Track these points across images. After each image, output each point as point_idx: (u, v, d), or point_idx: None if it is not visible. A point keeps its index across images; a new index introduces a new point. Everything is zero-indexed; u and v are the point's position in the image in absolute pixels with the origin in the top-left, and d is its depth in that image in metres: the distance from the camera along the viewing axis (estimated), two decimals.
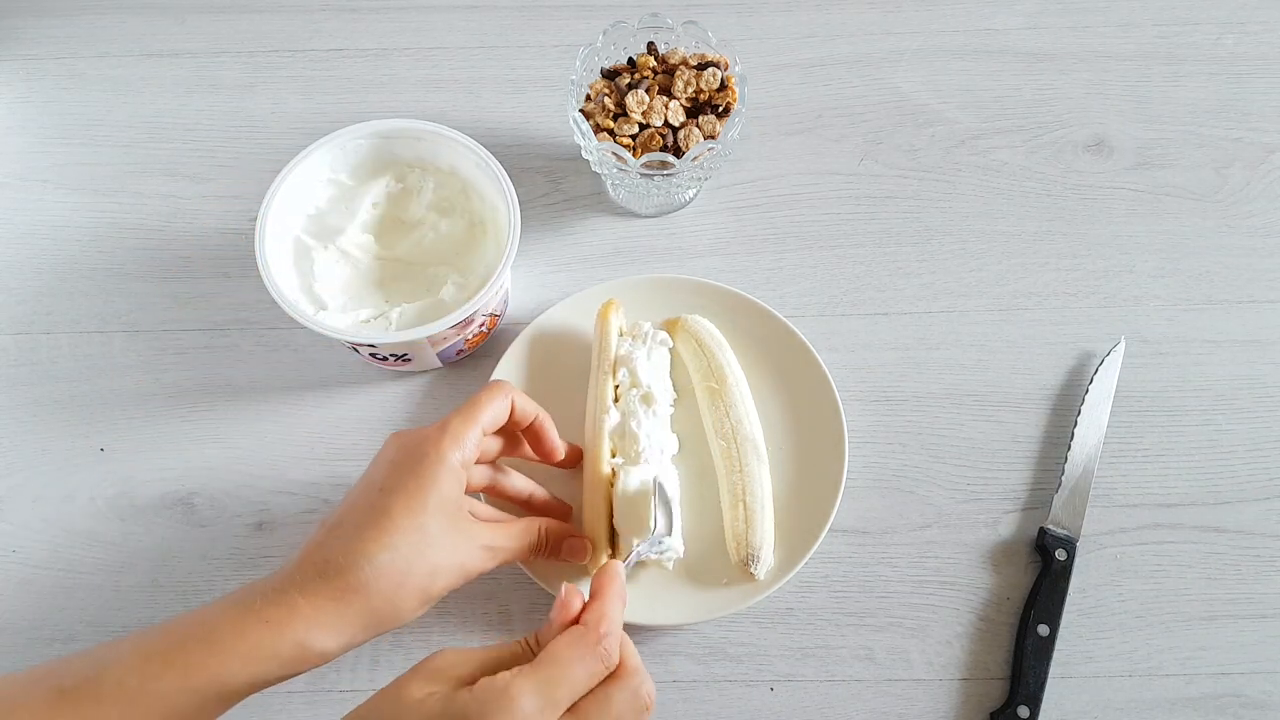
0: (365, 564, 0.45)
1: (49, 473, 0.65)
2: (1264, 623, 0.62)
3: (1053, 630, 0.60)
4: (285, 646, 0.44)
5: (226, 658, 0.43)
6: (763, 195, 0.74)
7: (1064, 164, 0.75)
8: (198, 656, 0.43)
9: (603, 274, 0.71)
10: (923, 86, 0.78)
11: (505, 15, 0.81)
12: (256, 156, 0.75)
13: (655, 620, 0.58)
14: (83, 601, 0.62)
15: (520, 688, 0.39)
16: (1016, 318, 0.70)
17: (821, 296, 0.71)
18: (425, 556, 0.47)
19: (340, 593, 0.45)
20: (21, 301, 0.70)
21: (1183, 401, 0.67)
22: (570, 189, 0.74)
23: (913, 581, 0.63)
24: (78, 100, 0.78)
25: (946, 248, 0.72)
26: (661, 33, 0.67)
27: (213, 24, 0.81)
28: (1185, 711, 0.60)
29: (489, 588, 0.62)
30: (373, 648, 0.60)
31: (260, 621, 0.44)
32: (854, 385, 0.67)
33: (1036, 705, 0.58)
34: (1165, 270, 0.72)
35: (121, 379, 0.68)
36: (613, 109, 0.65)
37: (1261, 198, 0.74)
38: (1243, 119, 0.77)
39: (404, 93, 0.78)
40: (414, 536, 0.47)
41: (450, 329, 0.59)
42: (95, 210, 0.73)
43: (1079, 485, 0.64)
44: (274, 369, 0.68)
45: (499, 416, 0.53)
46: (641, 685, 0.43)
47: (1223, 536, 0.64)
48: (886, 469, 0.65)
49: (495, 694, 0.39)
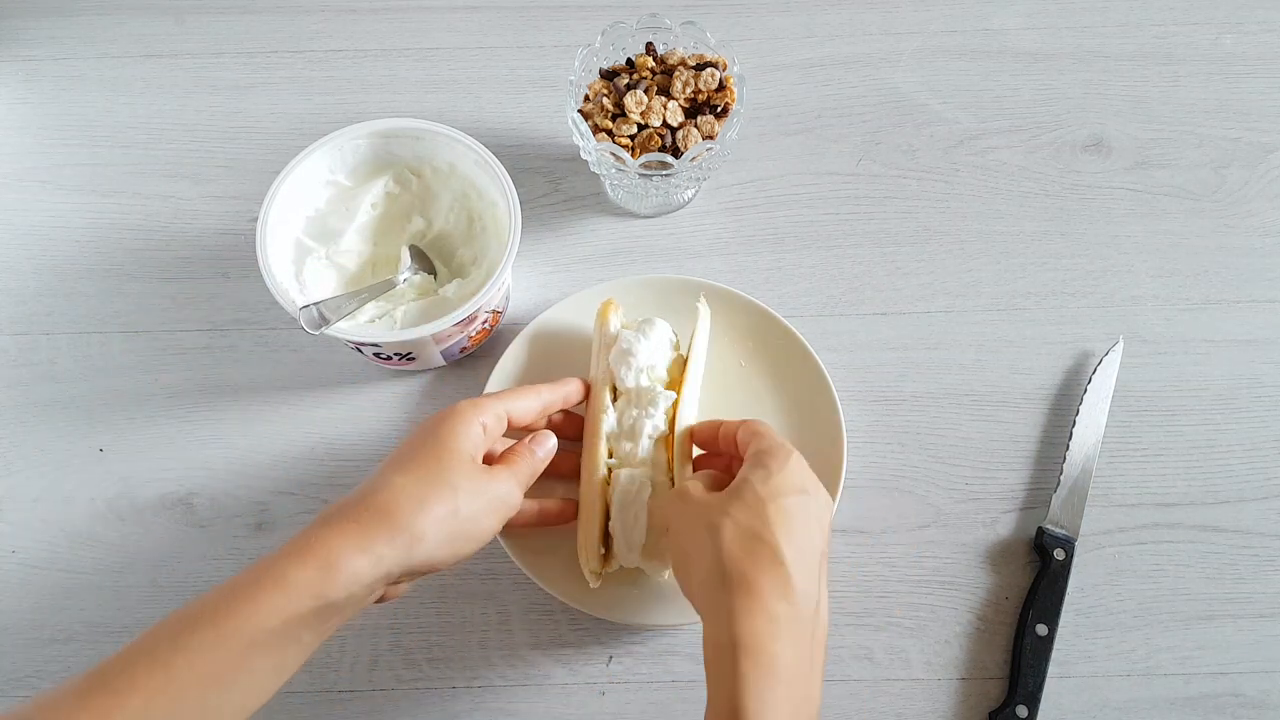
0: (384, 487, 0.47)
1: (49, 473, 0.65)
2: (1262, 622, 0.62)
3: (1051, 630, 0.60)
4: (312, 572, 0.43)
5: (256, 598, 0.42)
6: (761, 195, 0.74)
7: (1062, 164, 0.75)
8: (227, 605, 0.42)
9: (602, 274, 0.71)
10: (921, 86, 0.78)
11: (505, 16, 0.81)
12: (256, 157, 0.75)
13: (655, 620, 0.58)
14: (83, 601, 0.62)
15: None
16: (1015, 317, 0.70)
17: (820, 296, 0.71)
18: (448, 487, 0.48)
19: (363, 514, 0.46)
20: (21, 301, 0.70)
21: (1181, 401, 0.67)
22: (570, 189, 0.74)
23: (911, 581, 0.63)
24: (77, 100, 0.78)
25: (945, 248, 0.72)
26: (660, 33, 0.67)
27: (212, 24, 0.81)
28: (1183, 711, 0.60)
29: (489, 588, 0.62)
30: (372, 648, 0.61)
31: (284, 557, 0.44)
32: (852, 385, 0.67)
33: (1035, 705, 0.58)
34: (1164, 270, 0.72)
35: (121, 379, 0.68)
36: (611, 109, 0.65)
37: (1260, 198, 0.74)
38: (1241, 119, 0.77)
39: (404, 93, 0.78)
40: (434, 470, 0.48)
41: (454, 326, 0.59)
42: (95, 210, 0.73)
43: (1077, 485, 0.64)
44: (274, 369, 0.68)
45: (527, 411, 0.56)
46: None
47: (1221, 536, 0.64)
48: (885, 469, 0.65)
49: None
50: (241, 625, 0.42)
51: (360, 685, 0.60)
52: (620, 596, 0.59)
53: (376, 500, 0.46)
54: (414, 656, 0.61)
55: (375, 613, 0.62)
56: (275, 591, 0.42)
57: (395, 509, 0.46)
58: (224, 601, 0.42)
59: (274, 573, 0.43)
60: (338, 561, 0.44)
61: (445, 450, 0.49)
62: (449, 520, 0.47)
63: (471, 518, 0.49)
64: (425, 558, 0.47)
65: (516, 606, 0.62)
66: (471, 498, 0.49)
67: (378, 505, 0.46)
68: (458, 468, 0.49)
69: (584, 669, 0.61)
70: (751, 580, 0.45)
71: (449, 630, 0.61)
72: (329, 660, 0.60)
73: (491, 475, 0.51)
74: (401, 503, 0.46)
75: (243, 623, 0.42)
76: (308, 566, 0.43)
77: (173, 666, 0.40)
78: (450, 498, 0.48)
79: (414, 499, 0.47)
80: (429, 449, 0.50)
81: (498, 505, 0.50)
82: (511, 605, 0.62)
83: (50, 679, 0.60)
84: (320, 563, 0.43)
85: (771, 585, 0.45)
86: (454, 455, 0.49)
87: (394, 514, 0.46)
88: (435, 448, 0.50)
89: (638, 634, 0.61)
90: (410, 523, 0.46)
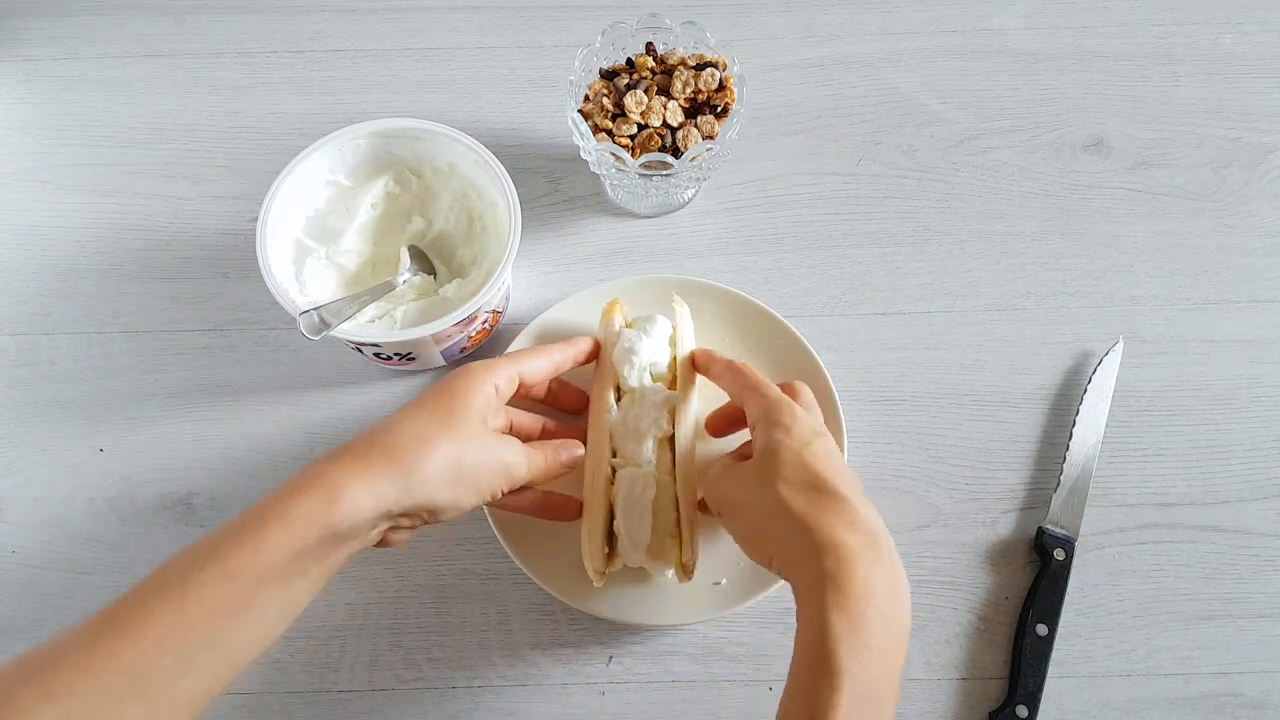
0: (392, 428, 0.48)
1: (49, 473, 0.65)
2: (1262, 622, 0.62)
3: (1051, 630, 0.60)
4: (316, 504, 0.44)
5: (263, 533, 0.43)
6: (761, 195, 0.74)
7: (1062, 164, 0.75)
8: (237, 540, 0.43)
9: (602, 274, 0.71)
10: (921, 86, 0.78)
11: (505, 16, 0.81)
12: (256, 157, 0.75)
13: (655, 620, 0.58)
14: (83, 601, 0.62)
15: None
16: (1015, 317, 0.70)
17: (820, 296, 0.71)
18: (454, 433, 0.49)
19: (368, 450, 0.46)
20: (21, 302, 0.70)
21: (1181, 401, 0.67)
22: (570, 189, 0.74)
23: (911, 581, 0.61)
24: (77, 100, 0.78)
25: (945, 248, 0.72)
26: (660, 33, 0.67)
27: (212, 25, 0.81)
28: (1183, 711, 0.60)
29: (489, 588, 0.62)
30: (372, 648, 0.61)
31: (288, 492, 0.44)
32: (852, 385, 0.67)
33: (1035, 705, 0.58)
34: (1163, 270, 0.72)
35: (121, 379, 0.68)
36: (611, 109, 0.65)
37: (1260, 198, 0.74)
38: (1241, 119, 0.77)
39: (403, 93, 0.78)
40: (443, 417, 0.49)
41: (454, 326, 0.59)
42: (95, 211, 0.73)
43: (1077, 485, 0.64)
44: (274, 369, 0.68)
45: (539, 371, 0.57)
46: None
47: (1221, 536, 0.64)
48: (885, 469, 0.65)
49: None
50: (248, 561, 0.42)
51: (360, 685, 0.60)
52: (621, 596, 0.59)
53: (382, 438, 0.47)
54: (414, 656, 0.61)
55: (375, 612, 0.62)
56: (279, 526, 0.43)
57: (400, 447, 0.47)
58: (233, 537, 0.43)
59: (277, 509, 0.43)
60: (341, 494, 0.44)
61: (457, 403, 0.51)
62: (453, 465, 0.48)
63: (474, 469, 0.49)
64: (427, 498, 0.47)
65: (516, 606, 0.62)
66: (477, 450, 0.50)
67: (383, 443, 0.47)
68: (466, 420, 0.50)
69: (584, 669, 0.61)
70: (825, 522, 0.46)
71: (449, 630, 0.61)
72: (329, 660, 0.60)
73: (500, 438, 0.52)
74: (408, 442, 0.47)
75: (250, 557, 0.42)
76: (312, 499, 0.44)
77: (185, 602, 0.41)
78: (456, 443, 0.49)
79: (419, 439, 0.48)
80: (440, 399, 0.51)
81: (501, 467, 0.51)
82: (511, 605, 0.62)
83: None
84: (324, 495, 0.44)
85: (841, 521, 0.46)
86: (466, 408, 0.51)
87: (398, 451, 0.47)
88: (447, 399, 0.51)
89: (638, 634, 0.61)
90: (414, 462, 0.47)
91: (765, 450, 0.51)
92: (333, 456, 0.47)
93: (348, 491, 0.44)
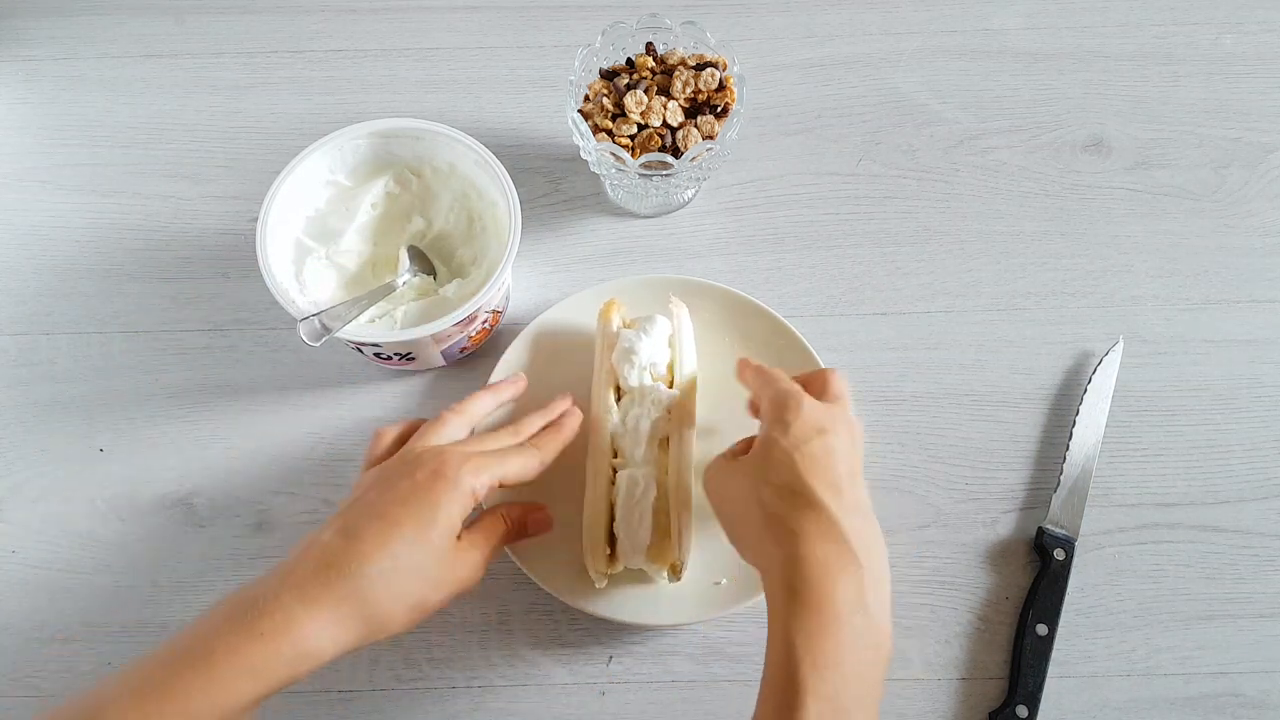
0: (366, 569, 0.46)
1: (49, 473, 0.65)
2: (1262, 622, 0.62)
3: (1051, 630, 0.60)
4: (282, 658, 0.44)
5: (225, 680, 0.43)
6: (761, 195, 0.74)
7: (1062, 164, 0.75)
8: (196, 683, 0.42)
9: (602, 274, 0.71)
10: (921, 86, 0.78)
11: (505, 16, 0.81)
12: (256, 157, 0.75)
13: (655, 620, 0.58)
14: (83, 601, 0.62)
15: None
16: (1015, 317, 0.70)
17: (820, 296, 0.71)
18: (425, 571, 0.48)
19: (338, 598, 0.45)
20: (21, 302, 0.70)
21: (1181, 401, 0.67)
22: (570, 189, 0.74)
23: (911, 581, 0.63)
24: (77, 100, 0.78)
25: (945, 248, 0.72)
26: (660, 33, 0.67)
27: (212, 24, 0.81)
28: (1183, 711, 0.60)
29: (488, 587, 0.62)
30: (372, 647, 0.60)
31: (255, 636, 0.43)
32: (852, 385, 0.66)
33: (1035, 705, 0.58)
34: (1163, 270, 0.72)
35: (121, 379, 0.68)
36: (611, 109, 0.65)
37: (1260, 198, 0.74)
38: (1241, 119, 0.77)
39: (403, 93, 0.78)
40: (418, 551, 0.47)
41: (454, 326, 0.59)
42: (95, 211, 0.73)
43: (1077, 485, 0.64)
44: (274, 369, 0.68)
45: (525, 472, 0.54)
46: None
47: (1221, 536, 0.64)
48: (885, 469, 0.65)
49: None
50: (211, 707, 0.42)
51: (360, 685, 0.60)
52: (620, 596, 0.59)
53: (357, 585, 0.46)
54: (414, 656, 0.61)
55: None
56: (248, 678, 0.43)
57: (373, 600, 0.46)
58: (194, 676, 0.43)
59: (246, 656, 0.43)
60: (309, 646, 0.44)
61: (435, 529, 0.48)
62: (418, 606, 0.48)
63: (436, 602, 0.49)
64: (385, 638, 0.48)
65: (516, 606, 0.62)
66: (441, 584, 0.49)
67: (356, 591, 0.46)
68: (438, 557, 0.48)
69: (584, 669, 0.61)
70: (797, 530, 0.46)
71: (449, 630, 0.61)
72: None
73: (463, 558, 0.50)
74: (379, 593, 0.46)
75: (211, 704, 0.42)
76: (280, 653, 0.44)
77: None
78: (425, 589, 0.48)
79: (392, 592, 0.47)
80: (419, 511, 0.48)
81: (459, 589, 0.50)
82: (511, 605, 0.62)
83: (50, 679, 0.60)
84: (292, 650, 0.44)
85: (815, 530, 0.46)
86: (441, 536, 0.49)
87: (371, 608, 0.46)
88: (428, 511, 0.48)
89: (638, 634, 0.61)
90: (386, 617, 0.47)
91: (758, 448, 0.50)
92: (303, 591, 0.45)
93: (315, 644, 0.44)
